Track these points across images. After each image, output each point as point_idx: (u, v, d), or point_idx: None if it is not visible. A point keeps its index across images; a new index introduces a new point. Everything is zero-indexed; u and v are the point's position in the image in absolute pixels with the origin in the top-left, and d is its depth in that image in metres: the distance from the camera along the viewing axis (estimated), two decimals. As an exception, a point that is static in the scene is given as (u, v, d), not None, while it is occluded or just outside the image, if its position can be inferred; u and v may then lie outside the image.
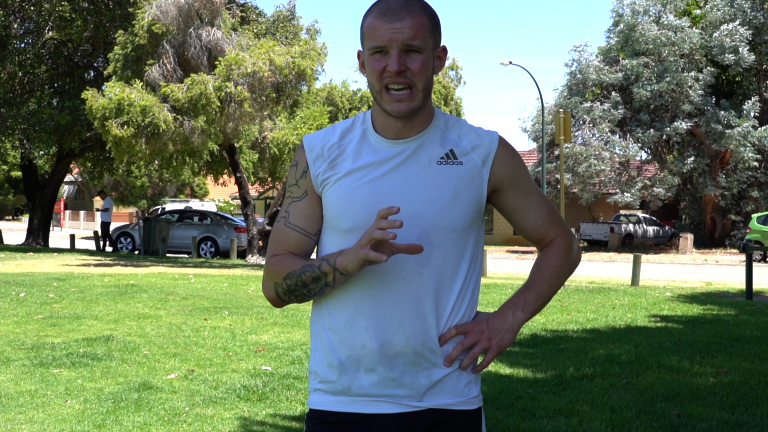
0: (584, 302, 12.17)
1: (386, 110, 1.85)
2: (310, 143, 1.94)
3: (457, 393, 1.90)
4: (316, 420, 1.93)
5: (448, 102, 36.99)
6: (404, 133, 1.89)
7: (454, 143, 1.91)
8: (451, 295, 1.89)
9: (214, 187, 52.13)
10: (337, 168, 1.89)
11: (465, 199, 1.88)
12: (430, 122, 1.92)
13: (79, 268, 17.59)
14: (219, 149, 24.66)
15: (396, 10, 1.81)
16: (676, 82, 31.04)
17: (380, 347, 1.85)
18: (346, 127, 1.95)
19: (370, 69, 1.84)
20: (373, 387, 1.87)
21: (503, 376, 6.56)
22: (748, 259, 13.35)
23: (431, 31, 1.85)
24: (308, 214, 1.93)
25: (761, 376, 6.54)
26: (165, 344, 7.97)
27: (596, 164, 31.28)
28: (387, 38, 1.80)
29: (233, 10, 22.45)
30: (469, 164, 1.90)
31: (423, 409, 1.88)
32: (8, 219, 67.33)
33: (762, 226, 26.82)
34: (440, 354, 1.88)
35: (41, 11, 25.68)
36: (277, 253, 1.94)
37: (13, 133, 27.82)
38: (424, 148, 1.89)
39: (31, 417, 5.28)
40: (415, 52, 1.81)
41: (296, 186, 1.95)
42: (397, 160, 1.88)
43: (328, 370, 1.91)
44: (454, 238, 1.88)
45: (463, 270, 1.90)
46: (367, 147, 1.90)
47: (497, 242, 41.49)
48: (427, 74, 1.84)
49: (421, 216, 1.85)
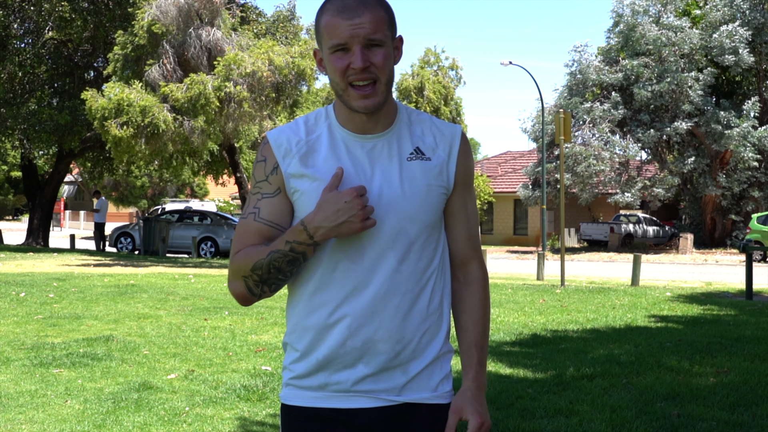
0: (584, 302, 12.17)
1: (353, 107, 1.84)
2: (276, 139, 1.90)
3: (432, 388, 1.92)
4: (292, 416, 1.93)
5: (448, 102, 37.04)
6: (370, 128, 1.89)
7: (419, 139, 1.92)
8: (426, 289, 1.90)
9: (214, 187, 52.15)
10: (308, 166, 1.87)
11: (436, 193, 1.90)
12: (395, 117, 1.93)
13: (79, 268, 17.59)
14: (219, 149, 24.69)
15: (353, 6, 1.80)
16: (676, 82, 31.03)
17: (362, 345, 1.86)
18: (309, 122, 1.93)
19: (333, 67, 1.83)
20: (351, 383, 1.88)
21: (503, 376, 6.56)
22: (748, 259, 13.35)
23: (389, 23, 1.85)
24: (281, 210, 1.90)
25: (761, 376, 6.54)
26: (165, 344, 7.97)
27: (595, 164, 31.28)
28: (348, 35, 1.79)
29: (233, 10, 22.45)
30: (436, 159, 1.91)
31: (400, 403, 1.90)
32: (8, 219, 67.34)
33: (762, 226, 26.82)
34: (417, 349, 1.90)
35: (41, 11, 25.68)
36: (242, 247, 1.90)
37: (13, 133, 27.83)
38: (393, 144, 1.90)
39: (31, 417, 5.28)
40: (377, 46, 1.82)
41: (266, 182, 1.91)
42: (368, 156, 1.88)
43: (304, 367, 1.91)
44: (428, 232, 1.90)
45: (435, 264, 1.92)
46: (337, 144, 1.89)
47: (497, 242, 41.49)
48: (389, 67, 1.85)
49: (396, 211, 1.86)
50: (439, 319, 1.95)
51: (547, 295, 13.27)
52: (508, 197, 42.11)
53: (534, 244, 39.19)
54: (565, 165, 25.35)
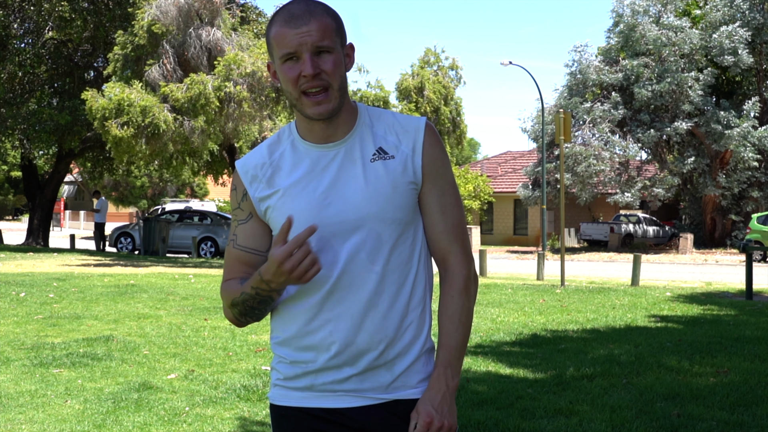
0: (584, 302, 12.17)
1: (307, 115, 1.88)
2: (243, 167, 1.98)
3: (416, 385, 1.94)
4: (282, 416, 1.97)
5: (448, 102, 37.05)
6: (331, 135, 1.92)
7: (381, 139, 1.94)
8: (406, 285, 1.92)
9: (214, 187, 52.12)
10: (274, 185, 1.93)
11: (402, 189, 1.91)
12: (355, 120, 1.95)
13: (79, 268, 17.59)
14: (219, 149, 24.67)
15: (299, 15, 1.84)
16: (676, 82, 31.03)
17: (345, 348, 1.89)
18: (272, 142, 1.99)
19: (285, 77, 1.87)
20: (338, 383, 1.92)
21: (503, 376, 6.56)
22: (748, 259, 13.35)
23: (337, 30, 1.88)
24: (257, 234, 1.98)
25: (761, 376, 6.54)
26: (165, 344, 7.98)
27: (595, 164, 31.28)
28: (296, 43, 1.83)
29: (233, 10, 22.45)
30: (400, 156, 1.93)
31: (388, 401, 1.93)
32: (8, 219, 67.34)
33: (762, 226, 26.82)
34: (401, 345, 1.92)
35: (41, 11, 25.68)
36: (227, 278, 2.00)
37: (13, 133, 27.82)
38: (355, 147, 1.93)
39: (31, 417, 5.28)
40: (326, 52, 1.85)
41: (239, 209, 2.00)
42: (332, 165, 1.91)
43: (290, 369, 1.95)
44: (401, 230, 1.91)
45: (414, 260, 1.94)
46: (300, 157, 1.93)
47: (497, 242, 41.50)
48: (340, 73, 1.88)
49: (366, 216, 1.89)
50: (423, 313, 1.96)
51: (547, 295, 13.27)
52: (508, 197, 42.13)
53: (534, 244, 39.19)
54: (565, 165, 25.35)
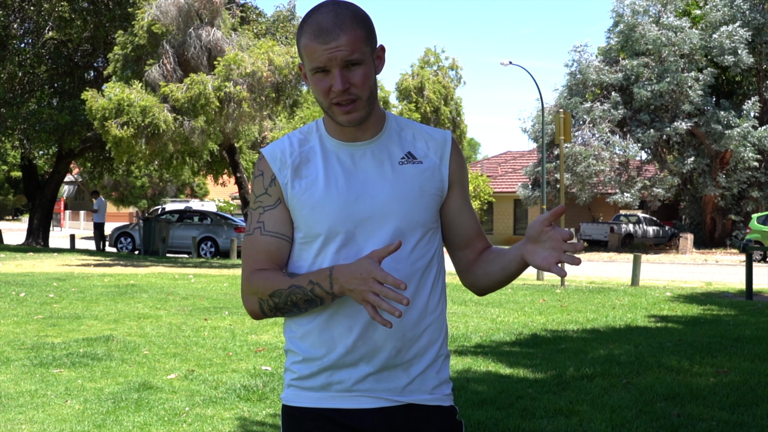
0: (584, 302, 12.17)
1: (339, 122, 1.90)
2: (271, 153, 1.97)
3: (430, 391, 1.95)
4: (294, 417, 1.95)
5: (448, 102, 37.02)
6: (359, 136, 1.94)
7: (410, 144, 1.98)
8: (425, 288, 1.94)
9: (214, 187, 52.15)
10: (302, 175, 1.93)
11: (429, 194, 1.95)
12: (383, 125, 1.98)
13: (79, 268, 17.59)
14: (219, 149, 24.67)
15: (329, 29, 1.82)
16: (676, 82, 31.03)
17: (363, 345, 1.89)
18: (302, 136, 2.00)
19: (316, 88, 1.89)
20: (353, 383, 1.91)
21: (503, 376, 6.56)
22: (748, 259, 13.35)
23: (367, 39, 1.87)
24: (285, 220, 1.95)
25: (761, 376, 6.54)
26: (165, 344, 7.98)
27: (595, 164, 31.28)
28: (325, 59, 1.83)
29: (233, 10, 22.45)
30: (428, 163, 1.97)
31: (403, 404, 1.92)
32: (8, 219, 67.33)
33: (762, 226, 26.82)
34: (418, 347, 1.92)
35: (41, 11, 25.68)
36: (258, 267, 1.95)
37: (13, 133, 27.82)
38: (383, 150, 1.95)
39: (31, 417, 5.28)
40: (356, 65, 1.85)
41: (266, 195, 1.96)
42: (361, 162, 1.93)
43: (305, 368, 1.94)
44: (422, 234, 1.94)
45: (434, 266, 1.97)
46: (327, 153, 1.95)
47: (497, 242, 41.49)
48: (370, 83, 1.88)
49: (392, 214, 1.90)
50: (440, 318, 1.98)
51: (547, 295, 13.27)
52: (508, 197, 42.12)
53: (534, 244, 39.11)
54: (564, 165, 25.35)
